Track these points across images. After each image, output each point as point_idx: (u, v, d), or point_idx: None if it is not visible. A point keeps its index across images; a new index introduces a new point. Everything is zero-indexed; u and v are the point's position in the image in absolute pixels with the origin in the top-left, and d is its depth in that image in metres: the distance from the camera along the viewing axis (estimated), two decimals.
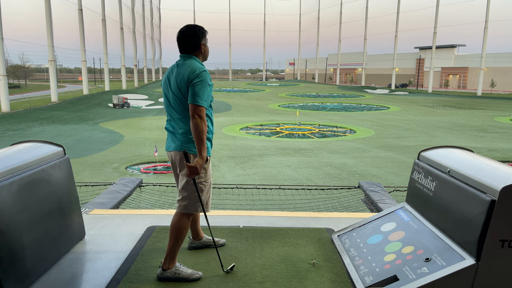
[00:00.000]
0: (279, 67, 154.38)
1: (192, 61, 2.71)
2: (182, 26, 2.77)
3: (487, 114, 29.38)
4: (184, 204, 2.75)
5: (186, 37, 2.71)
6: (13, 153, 2.87)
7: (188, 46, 2.72)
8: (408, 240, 2.80)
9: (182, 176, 2.75)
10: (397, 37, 60.44)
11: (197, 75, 2.60)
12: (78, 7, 35.37)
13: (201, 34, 2.74)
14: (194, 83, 2.58)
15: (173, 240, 2.75)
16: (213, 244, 3.02)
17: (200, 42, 2.74)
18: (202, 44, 2.76)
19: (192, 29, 2.73)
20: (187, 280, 2.73)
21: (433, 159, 3.04)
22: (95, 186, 6.17)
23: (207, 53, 2.85)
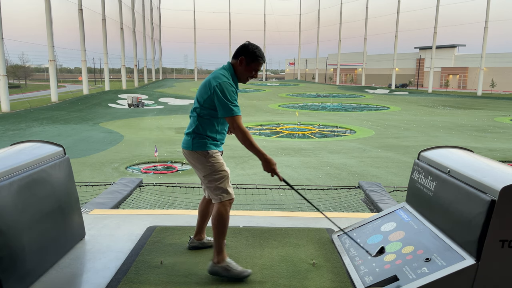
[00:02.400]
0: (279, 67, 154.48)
1: (221, 71, 2.78)
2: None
3: (487, 114, 29.39)
4: (211, 196, 2.87)
5: (240, 46, 2.81)
6: (13, 153, 2.87)
7: (234, 53, 2.83)
8: (408, 240, 2.80)
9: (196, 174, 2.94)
10: (397, 37, 60.48)
11: (219, 83, 2.68)
12: (78, 7, 35.38)
13: (250, 52, 2.77)
14: (217, 95, 2.66)
15: (215, 231, 2.80)
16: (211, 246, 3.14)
17: (243, 55, 2.77)
18: (243, 58, 2.77)
19: (250, 44, 2.81)
20: (238, 277, 2.74)
21: (433, 159, 3.04)
22: (95, 186, 6.17)
23: (243, 73, 2.82)
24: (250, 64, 2.79)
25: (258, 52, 2.79)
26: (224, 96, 2.66)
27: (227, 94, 2.67)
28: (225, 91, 2.67)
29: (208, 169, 2.82)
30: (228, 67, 2.83)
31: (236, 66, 2.81)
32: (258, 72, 2.89)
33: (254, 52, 2.78)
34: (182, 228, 3.67)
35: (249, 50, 2.77)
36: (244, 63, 2.78)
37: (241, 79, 2.84)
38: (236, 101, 2.72)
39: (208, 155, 2.81)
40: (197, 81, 69.74)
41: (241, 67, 2.80)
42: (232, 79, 2.79)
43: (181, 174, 11.30)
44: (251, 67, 2.80)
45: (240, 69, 2.80)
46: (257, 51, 2.78)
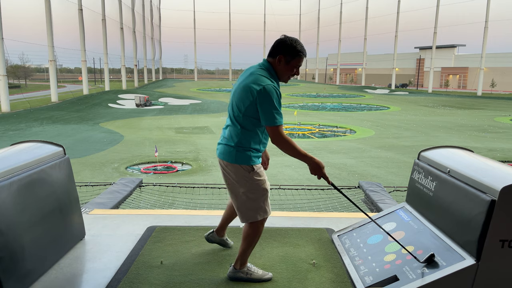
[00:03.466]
0: None
1: (260, 71, 2.48)
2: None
3: (487, 114, 29.38)
4: (242, 214, 2.67)
5: (276, 41, 2.51)
6: (13, 153, 2.87)
7: (270, 49, 2.52)
8: (408, 240, 2.80)
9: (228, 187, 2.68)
10: (397, 37, 60.46)
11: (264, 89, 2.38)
12: (78, 7, 35.36)
13: (288, 47, 2.46)
14: (261, 101, 2.39)
15: (245, 244, 2.70)
16: (227, 246, 3.24)
17: (282, 52, 2.47)
18: (282, 57, 2.47)
19: (288, 38, 2.50)
20: (259, 280, 2.70)
21: (433, 159, 3.04)
22: (95, 186, 6.17)
23: (283, 72, 2.52)
24: (291, 62, 2.48)
25: (299, 46, 2.48)
26: (269, 102, 2.37)
27: (273, 99, 2.38)
28: (270, 96, 2.37)
29: (249, 186, 2.58)
30: (267, 66, 2.52)
31: (274, 65, 2.51)
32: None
33: (294, 47, 2.46)
34: (182, 228, 3.68)
35: (288, 45, 2.46)
36: (283, 61, 2.48)
37: (282, 78, 2.55)
38: (280, 108, 2.44)
39: (253, 171, 2.56)
40: (197, 81, 69.77)
41: (280, 66, 2.49)
42: (278, 85, 2.50)
43: (181, 174, 11.30)
44: (291, 65, 2.50)
45: (280, 68, 2.50)
46: (297, 45, 2.47)
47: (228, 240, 3.26)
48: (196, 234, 3.52)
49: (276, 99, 2.41)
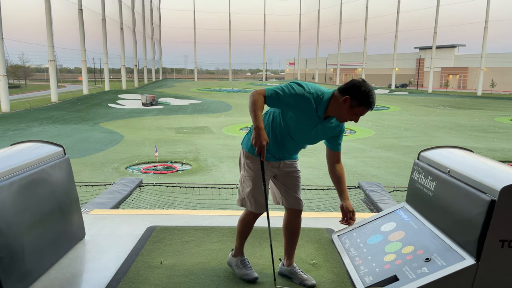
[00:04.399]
0: (279, 67, 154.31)
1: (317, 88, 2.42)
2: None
3: (487, 114, 29.38)
4: (238, 195, 2.80)
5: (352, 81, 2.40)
6: (13, 153, 2.87)
7: (343, 85, 2.40)
8: (408, 240, 2.80)
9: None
10: (397, 37, 60.44)
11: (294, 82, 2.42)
12: (78, 7, 35.36)
13: (359, 94, 2.32)
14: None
15: (237, 228, 2.85)
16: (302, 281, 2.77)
17: (350, 94, 2.33)
18: (348, 98, 2.33)
19: (363, 85, 2.36)
20: (240, 277, 2.77)
21: (433, 159, 3.04)
22: (95, 186, 6.17)
23: (343, 113, 2.38)
24: (355, 108, 2.35)
25: (371, 98, 2.34)
26: (287, 85, 2.38)
27: (290, 86, 2.37)
28: (293, 84, 2.37)
29: (243, 171, 2.70)
30: (327, 95, 2.40)
31: (337, 101, 2.37)
32: (259, 73, 2.69)
33: (366, 97, 2.33)
34: (182, 228, 3.67)
35: (360, 91, 2.33)
36: (348, 103, 2.34)
37: (338, 118, 2.44)
38: (285, 92, 2.34)
39: (248, 158, 2.63)
40: (197, 81, 69.77)
41: (343, 106, 2.36)
42: (317, 104, 2.38)
43: (181, 174, 11.30)
44: (354, 111, 2.36)
45: (342, 109, 2.37)
46: (369, 96, 2.33)
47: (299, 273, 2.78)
48: (196, 234, 3.52)
49: (294, 92, 2.35)
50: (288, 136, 2.55)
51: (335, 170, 2.78)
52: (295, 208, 2.80)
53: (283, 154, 2.65)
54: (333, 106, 2.40)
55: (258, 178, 2.64)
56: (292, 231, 2.86)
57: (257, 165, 2.61)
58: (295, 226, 2.85)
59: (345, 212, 2.92)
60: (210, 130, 20.12)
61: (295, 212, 2.82)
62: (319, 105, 2.39)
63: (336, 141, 2.67)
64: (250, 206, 2.73)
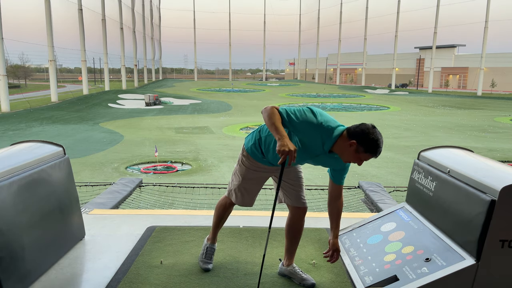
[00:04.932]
0: (279, 67, 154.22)
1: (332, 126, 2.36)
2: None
3: (487, 114, 29.39)
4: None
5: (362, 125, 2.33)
6: (13, 153, 2.87)
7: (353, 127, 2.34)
8: (408, 240, 2.80)
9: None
10: (397, 37, 60.48)
11: (309, 108, 2.41)
12: (78, 7, 35.36)
13: (367, 141, 2.26)
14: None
15: (214, 216, 2.99)
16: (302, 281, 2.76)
17: (357, 139, 2.27)
18: (355, 143, 2.27)
19: (373, 132, 2.28)
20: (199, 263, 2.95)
21: (433, 159, 3.04)
22: (95, 186, 6.17)
23: (347, 155, 2.34)
24: (360, 153, 2.30)
25: (379, 147, 2.28)
26: (300, 109, 2.37)
27: (303, 111, 2.36)
28: (307, 109, 2.37)
29: (238, 162, 2.80)
30: (336, 132, 2.35)
31: (344, 141, 2.32)
32: (259, 73, 2.69)
33: (373, 145, 2.27)
34: (182, 228, 3.68)
35: (368, 139, 2.26)
36: (354, 147, 2.29)
37: (342, 157, 2.40)
38: (297, 115, 2.33)
39: (244, 156, 2.73)
40: (197, 81, 69.77)
41: (348, 149, 2.32)
42: (326, 137, 2.35)
43: (181, 174, 11.30)
44: (359, 156, 2.32)
45: (347, 151, 2.33)
46: (377, 146, 2.27)
47: (298, 272, 2.78)
48: (196, 234, 3.52)
49: (304, 115, 2.34)
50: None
51: (334, 205, 2.70)
52: (298, 206, 2.77)
53: (274, 163, 2.67)
54: (339, 145, 2.35)
55: (248, 179, 2.75)
56: (295, 232, 2.84)
57: (250, 165, 2.71)
58: (298, 226, 2.83)
59: (331, 249, 2.72)
60: (210, 130, 20.12)
61: (299, 211, 2.79)
62: (326, 140, 2.36)
63: (340, 174, 2.61)
64: (236, 199, 2.83)
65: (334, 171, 2.60)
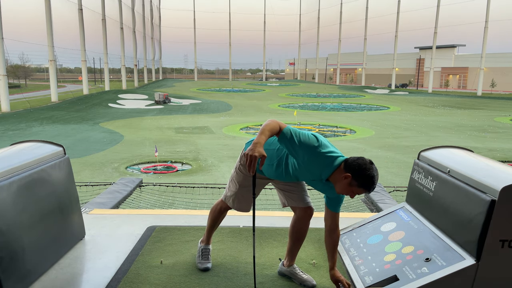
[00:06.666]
0: (279, 67, 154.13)
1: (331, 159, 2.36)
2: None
3: (487, 114, 29.38)
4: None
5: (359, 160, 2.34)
6: (13, 153, 2.87)
7: (350, 160, 2.35)
8: (408, 240, 2.80)
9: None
10: (397, 37, 60.44)
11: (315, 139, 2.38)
12: (78, 7, 35.36)
13: (362, 177, 2.27)
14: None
15: (207, 220, 3.00)
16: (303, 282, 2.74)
17: (352, 173, 2.28)
18: (349, 176, 2.28)
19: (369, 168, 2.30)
20: (197, 264, 2.94)
21: (433, 159, 3.04)
22: (95, 186, 6.17)
23: (340, 187, 2.34)
24: (353, 186, 2.30)
25: (373, 184, 2.29)
26: (305, 137, 2.33)
27: (307, 134, 2.35)
28: (311, 133, 2.37)
29: (236, 166, 2.77)
30: (336, 162, 2.36)
31: (339, 173, 2.34)
32: (259, 73, 2.69)
33: (367, 182, 2.28)
34: (182, 228, 3.68)
35: (363, 175, 2.27)
36: (349, 180, 2.29)
37: (335, 188, 2.40)
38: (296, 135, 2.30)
39: (241, 161, 2.72)
40: (197, 81, 69.77)
41: (342, 181, 2.32)
42: (324, 166, 2.36)
43: (181, 174, 11.30)
44: (352, 189, 2.32)
45: (340, 182, 2.33)
46: (372, 182, 2.29)
47: (299, 273, 2.78)
48: (196, 234, 3.52)
49: (307, 139, 2.31)
50: (289, 172, 2.51)
51: (331, 237, 2.66)
52: (304, 206, 2.71)
53: (277, 178, 2.64)
54: (335, 176, 2.36)
55: (244, 186, 2.72)
56: (299, 234, 2.78)
57: (248, 174, 2.64)
58: (304, 229, 2.76)
59: (333, 281, 2.67)
60: (210, 130, 20.12)
61: (305, 213, 2.72)
62: (325, 169, 2.36)
63: (336, 202, 2.58)
64: (233, 205, 2.83)
65: (330, 198, 2.57)
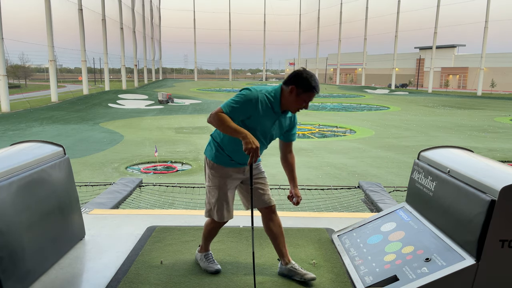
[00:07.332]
0: (279, 67, 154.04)
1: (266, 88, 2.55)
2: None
3: (487, 114, 29.38)
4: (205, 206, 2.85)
5: (293, 72, 2.52)
6: (13, 153, 2.87)
7: (286, 78, 2.52)
8: (408, 240, 2.80)
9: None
10: (397, 37, 60.44)
11: (242, 89, 2.53)
12: (78, 7, 35.34)
13: (302, 81, 2.44)
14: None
15: (203, 234, 2.95)
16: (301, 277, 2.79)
17: (295, 83, 2.45)
18: (294, 88, 2.44)
19: (305, 72, 2.48)
20: (205, 269, 2.90)
21: (433, 159, 3.04)
22: (95, 186, 6.17)
23: (292, 103, 2.48)
24: (301, 95, 2.46)
25: (313, 82, 2.45)
26: (236, 95, 2.49)
27: (240, 95, 2.47)
28: (242, 92, 2.49)
29: (208, 180, 2.76)
30: (276, 90, 2.53)
31: (284, 93, 2.50)
32: (259, 73, 2.72)
33: (308, 82, 2.44)
34: (182, 228, 3.68)
35: (303, 78, 2.44)
36: (295, 92, 2.45)
37: (290, 109, 2.54)
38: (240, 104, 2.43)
39: (211, 167, 2.71)
40: (197, 81, 69.76)
41: (290, 96, 2.47)
42: (271, 102, 2.49)
43: (181, 174, 11.30)
44: (301, 98, 2.47)
45: (290, 99, 2.48)
46: (312, 81, 2.45)
47: (298, 269, 2.80)
48: (196, 234, 3.52)
49: (244, 98, 2.45)
50: (258, 137, 2.58)
51: (287, 159, 2.85)
52: (268, 205, 2.82)
53: (247, 159, 2.62)
54: (284, 98, 2.51)
55: (223, 187, 2.71)
56: (275, 230, 2.85)
57: (221, 173, 2.69)
58: (276, 223, 2.85)
59: (294, 196, 2.87)
60: (210, 130, 20.04)
61: (269, 210, 2.84)
62: (273, 103, 2.51)
63: (290, 132, 2.75)
64: (219, 216, 2.75)
65: (286, 133, 2.72)
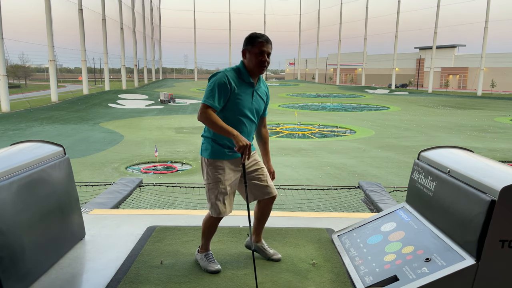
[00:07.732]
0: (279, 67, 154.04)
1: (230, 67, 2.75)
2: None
3: (487, 114, 29.38)
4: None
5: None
6: (13, 153, 2.87)
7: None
8: (408, 240, 2.80)
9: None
10: (397, 37, 60.42)
11: (209, 79, 2.68)
12: (78, 7, 35.34)
13: (246, 40, 2.69)
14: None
15: (202, 228, 2.97)
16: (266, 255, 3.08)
17: (243, 47, 2.70)
18: (244, 50, 2.70)
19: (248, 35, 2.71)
20: (204, 269, 2.89)
21: (433, 159, 3.04)
22: (95, 186, 6.17)
23: (251, 62, 2.68)
24: (252, 50, 2.65)
25: (255, 34, 2.67)
26: (208, 84, 2.64)
27: (212, 82, 2.62)
28: (212, 79, 2.65)
29: (206, 178, 2.80)
30: (239, 64, 2.76)
31: (245, 62, 2.71)
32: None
33: (250, 37, 2.67)
34: (182, 228, 3.68)
35: (246, 38, 2.69)
36: (247, 53, 2.67)
37: (255, 70, 2.70)
38: (217, 93, 2.58)
39: (208, 164, 2.76)
40: (197, 81, 69.75)
41: (247, 59, 2.68)
42: (239, 74, 2.69)
43: (181, 174, 11.30)
44: (254, 53, 2.65)
45: (248, 62, 2.69)
46: (253, 35, 2.67)
47: (267, 249, 3.09)
48: (196, 234, 3.52)
49: (215, 82, 2.59)
50: (239, 120, 2.70)
51: (262, 133, 3.05)
52: (272, 195, 2.93)
53: (249, 136, 2.81)
54: (248, 68, 2.69)
55: (222, 181, 2.75)
56: (265, 215, 3.03)
57: (219, 167, 2.74)
58: (269, 209, 3.01)
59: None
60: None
61: (272, 199, 2.96)
62: (242, 74, 2.69)
63: (264, 108, 2.95)
64: (221, 211, 2.82)
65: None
